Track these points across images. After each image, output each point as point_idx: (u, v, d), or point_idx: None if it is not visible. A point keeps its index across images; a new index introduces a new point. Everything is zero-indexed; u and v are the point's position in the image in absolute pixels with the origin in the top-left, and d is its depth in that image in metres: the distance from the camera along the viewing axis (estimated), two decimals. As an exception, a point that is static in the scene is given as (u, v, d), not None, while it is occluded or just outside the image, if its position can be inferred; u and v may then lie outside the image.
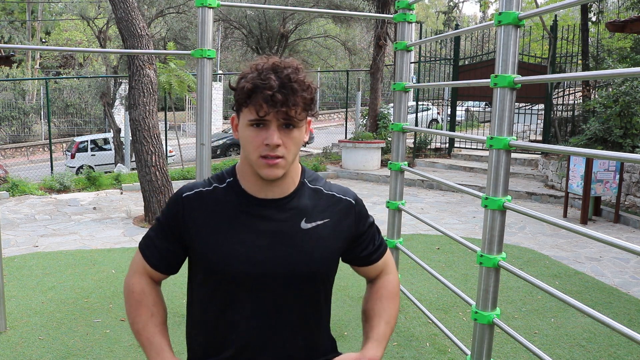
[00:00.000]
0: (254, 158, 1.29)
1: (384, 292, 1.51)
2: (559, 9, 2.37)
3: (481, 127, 17.75)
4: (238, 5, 11.70)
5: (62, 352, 3.48)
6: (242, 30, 16.28)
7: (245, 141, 1.30)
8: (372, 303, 1.49)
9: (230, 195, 1.37)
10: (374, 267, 1.53)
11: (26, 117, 21.43)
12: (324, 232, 1.38)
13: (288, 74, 1.26)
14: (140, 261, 1.43)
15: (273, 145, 1.25)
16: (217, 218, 1.35)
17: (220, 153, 17.16)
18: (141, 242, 1.45)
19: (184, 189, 1.41)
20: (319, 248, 1.37)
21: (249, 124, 1.28)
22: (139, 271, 1.43)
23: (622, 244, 1.87)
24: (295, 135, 1.29)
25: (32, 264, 5.40)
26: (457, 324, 3.96)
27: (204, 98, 3.46)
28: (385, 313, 1.46)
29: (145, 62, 6.98)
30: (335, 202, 1.42)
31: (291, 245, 1.34)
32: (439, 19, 37.85)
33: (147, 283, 1.42)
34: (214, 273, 1.34)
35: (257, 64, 1.29)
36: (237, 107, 1.32)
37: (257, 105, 1.25)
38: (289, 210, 1.36)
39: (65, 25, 29.39)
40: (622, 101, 8.56)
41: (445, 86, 12.88)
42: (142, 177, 7.11)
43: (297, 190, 1.38)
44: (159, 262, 1.41)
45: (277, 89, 1.23)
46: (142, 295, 1.41)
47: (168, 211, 1.40)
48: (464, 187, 3.15)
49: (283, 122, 1.26)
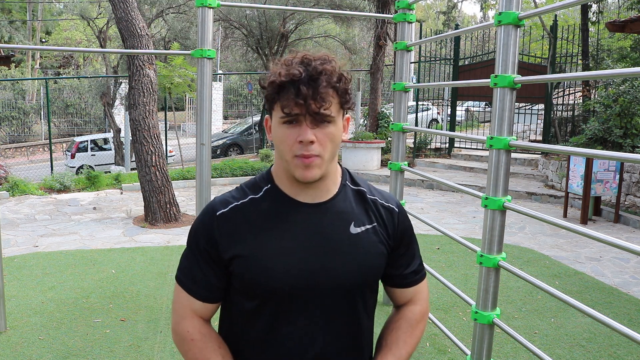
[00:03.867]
0: (289, 158, 1.19)
1: (402, 324, 1.37)
2: (559, 9, 2.37)
3: (481, 127, 17.76)
4: (238, 5, 11.70)
5: (62, 352, 3.48)
6: (242, 30, 16.28)
7: (278, 141, 1.21)
8: (387, 332, 1.38)
9: (270, 203, 1.26)
10: (403, 292, 1.40)
11: (26, 117, 21.42)
12: (372, 237, 1.29)
13: (316, 65, 1.17)
14: (186, 301, 1.27)
15: (307, 141, 1.16)
16: (258, 231, 1.24)
17: (220, 153, 17.16)
18: (178, 276, 1.29)
19: (217, 205, 1.28)
20: (370, 254, 1.28)
21: (280, 122, 1.19)
22: (188, 314, 1.27)
23: (622, 244, 1.87)
24: (331, 131, 1.19)
25: (32, 264, 5.40)
26: (457, 324, 3.96)
27: (204, 98, 3.46)
28: (397, 347, 1.33)
29: (145, 62, 6.98)
30: (379, 207, 1.33)
31: (342, 253, 1.24)
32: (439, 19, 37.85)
33: (202, 324, 1.28)
34: (259, 290, 1.23)
35: (287, 59, 1.21)
36: (268, 106, 1.24)
37: (285, 100, 1.17)
38: (335, 214, 1.26)
39: (65, 25, 29.40)
40: (622, 101, 8.57)
41: (445, 86, 12.89)
42: (142, 177, 7.11)
43: (339, 192, 1.29)
44: (209, 293, 1.27)
45: (304, 81, 1.15)
46: (203, 339, 1.26)
47: (201, 232, 1.26)
48: (464, 187, 3.15)
49: (315, 117, 1.17)
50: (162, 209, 7.11)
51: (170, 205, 7.17)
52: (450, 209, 8.34)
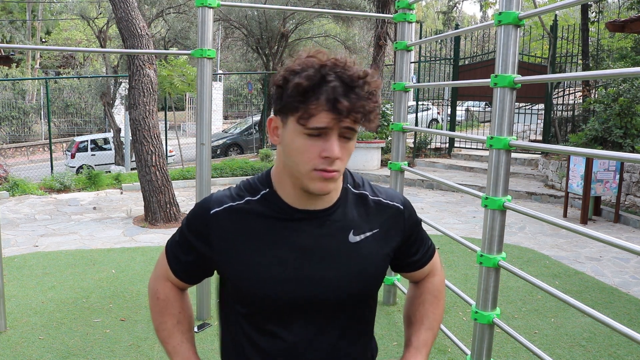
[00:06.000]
0: (305, 171, 1.10)
1: (427, 297, 1.40)
2: (559, 8, 2.37)
3: (481, 127, 17.76)
4: (238, 5, 11.71)
5: (62, 352, 3.48)
6: (242, 30, 16.28)
7: (295, 151, 1.10)
8: (414, 307, 1.40)
9: (267, 208, 1.20)
10: (421, 271, 1.41)
11: (26, 117, 21.42)
12: (373, 244, 1.24)
13: (355, 76, 1.06)
14: (165, 266, 1.31)
15: (334, 158, 1.07)
16: (252, 237, 1.19)
17: (220, 153, 17.17)
18: (168, 244, 1.32)
19: (212, 202, 1.22)
20: (370, 263, 1.24)
21: (303, 132, 1.07)
22: (164, 276, 1.33)
23: (622, 244, 1.87)
24: (350, 146, 1.11)
25: (32, 263, 5.40)
26: (457, 324, 3.96)
27: (204, 98, 3.46)
28: (428, 319, 1.37)
29: (145, 62, 6.98)
30: (383, 209, 1.27)
31: (340, 263, 1.20)
32: (439, 19, 37.85)
33: (171, 289, 1.33)
34: (253, 298, 1.20)
35: (313, 60, 1.08)
36: (283, 108, 1.10)
37: (319, 110, 1.04)
38: (334, 222, 1.21)
39: (65, 25, 29.40)
40: (622, 101, 8.57)
41: (445, 86, 12.89)
42: (142, 177, 7.11)
43: (340, 198, 1.23)
44: (183, 275, 1.30)
45: (343, 93, 1.04)
46: (166, 302, 1.32)
47: (192, 224, 1.24)
48: (464, 187, 3.15)
49: (345, 131, 1.08)
50: (162, 208, 7.11)
51: (170, 205, 7.17)
52: (450, 208, 8.34)
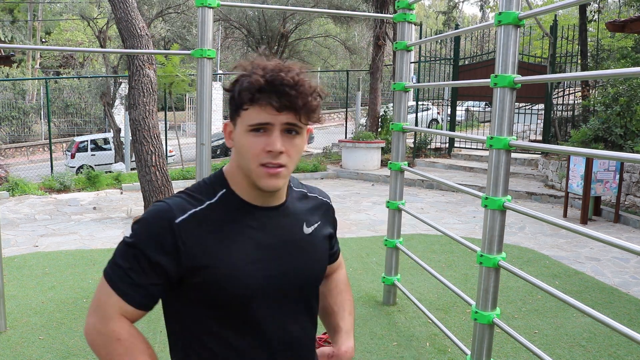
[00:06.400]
0: (253, 167, 1.16)
1: (342, 286, 1.52)
2: (559, 9, 2.37)
3: (481, 127, 17.76)
4: (238, 5, 11.71)
5: (62, 352, 3.48)
6: (242, 30, 16.29)
7: (242, 148, 1.17)
8: (334, 297, 1.50)
9: (228, 208, 1.22)
10: (334, 264, 1.53)
11: (26, 117, 21.43)
12: (319, 234, 1.36)
13: (295, 76, 1.14)
14: (116, 303, 1.17)
15: (276, 152, 1.14)
16: (220, 239, 1.20)
17: (220, 153, 17.17)
18: (111, 276, 1.20)
19: (173, 210, 1.19)
20: (320, 251, 1.35)
21: (248, 129, 1.15)
22: (115, 314, 1.17)
23: (622, 244, 1.87)
24: (298, 142, 1.19)
25: (32, 263, 5.40)
26: (457, 324, 3.96)
27: (204, 98, 3.46)
28: (348, 305, 1.49)
29: (145, 62, 6.98)
30: (319, 204, 1.40)
31: (300, 253, 1.28)
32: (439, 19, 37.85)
33: (130, 325, 1.20)
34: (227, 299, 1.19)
35: (257, 64, 1.17)
36: (233, 110, 1.19)
37: (259, 108, 1.13)
38: (289, 216, 1.29)
39: (65, 25, 29.40)
40: (623, 101, 8.57)
41: (445, 86, 12.89)
42: (142, 177, 7.10)
43: (288, 195, 1.32)
44: (145, 300, 1.18)
45: (282, 91, 1.12)
46: (132, 340, 1.18)
47: (154, 240, 1.17)
48: (464, 187, 3.16)
49: (287, 127, 1.16)
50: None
51: (170, 205, 7.16)
52: (450, 208, 8.34)
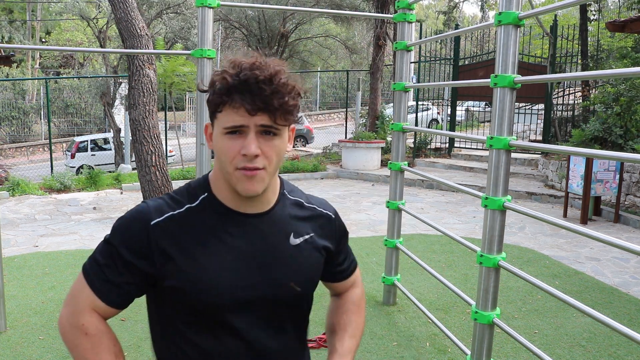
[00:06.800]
0: (230, 170, 1.13)
1: (350, 306, 1.43)
2: (559, 9, 2.37)
3: (481, 127, 17.76)
4: (238, 5, 11.72)
5: (62, 352, 3.48)
6: (242, 30, 16.29)
7: (219, 151, 1.14)
8: (337, 316, 1.42)
9: (208, 213, 1.19)
10: (345, 283, 1.45)
11: (26, 117, 21.43)
12: (310, 247, 1.28)
13: (269, 75, 1.09)
14: (87, 296, 1.17)
15: (251, 155, 1.10)
16: (196, 244, 1.17)
17: (220, 153, 17.16)
18: (88, 270, 1.19)
19: (150, 212, 1.17)
20: (308, 265, 1.27)
21: (224, 132, 1.12)
22: (87, 308, 1.17)
23: (622, 244, 1.87)
24: (277, 143, 1.13)
25: (32, 263, 5.40)
26: (457, 324, 3.96)
27: (204, 98, 3.46)
28: (351, 327, 1.39)
29: (145, 62, 6.98)
30: (317, 215, 1.32)
31: (282, 265, 1.22)
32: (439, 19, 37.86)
33: (100, 320, 1.18)
34: (201, 306, 1.17)
35: (234, 63, 1.12)
36: (211, 112, 1.15)
37: (232, 110, 1.09)
38: (274, 224, 1.23)
39: (65, 25, 29.40)
40: (623, 101, 8.57)
41: (445, 86, 12.89)
42: (142, 177, 7.10)
43: (278, 201, 1.26)
44: (117, 298, 1.17)
45: (256, 91, 1.08)
46: (99, 336, 1.17)
47: (129, 240, 1.16)
48: (464, 187, 3.16)
49: (262, 129, 1.11)
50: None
51: (170, 205, 7.17)
52: (450, 208, 8.34)
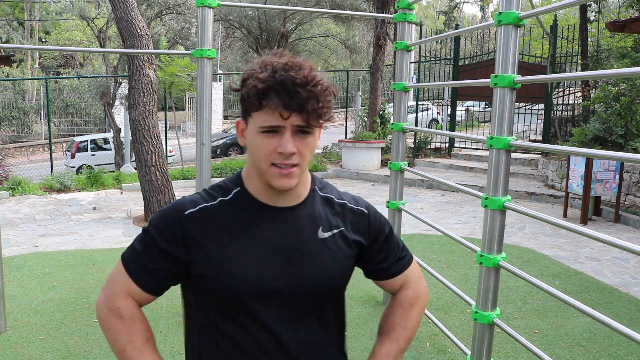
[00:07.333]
0: (265, 167, 1.17)
1: (397, 309, 1.41)
2: (559, 9, 2.37)
3: (481, 127, 17.75)
4: (238, 5, 11.72)
5: (62, 352, 3.48)
6: (242, 30, 16.29)
7: (255, 148, 1.17)
8: (384, 319, 1.42)
9: (240, 206, 1.24)
10: (392, 282, 1.42)
11: (26, 117, 21.43)
12: (339, 241, 1.29)
13: (305, 75, 1.12)
14: (125, 281, 1.24)
15: (287, 154, 1.14)
16: (228, 236, 1.22)
17: (220, 153, 17.15)
18: (126, 257, 1.26)
19: (186, 204, 1.25)
20: (337, 259, 1.28)
21: (260, 130, 1.15)
22: (124, 292, 1.25)
23: (622, 244, 1.87)
24: (310, 141, 1.17)
25: (32, 263, 5.40)
26: (457, 324, 3.96)
27: (204, 98, 3.46)
28: (394, 331, 1.37)
29: (145, 62, 6.98)
30: (348, 211, 1.33)
31: (310, 258, 1.25)
32: (439, 19, 37.86)
33: (134, 305, 1.25)
34: (229, 295, 1.21)
35: (268, 62, 1.15)
36: (245, 111, 1.19)
37: (269, 110, 1.12)
38: (304, 218, 1.26)
39: (65, 25, 29.40)
40: (623, 101, 8.56)
41: (445, 86, 12.89)
42: (142, 177, 7.10)
43: (308, 197, 1.29)
44: (153, 284, 1.24)
45: (292, 93, 1.10)
46: (133, 320, 1.24)
47: (165, 229, 1.23)
48: (464, 187, 3.16)
49: (297, 128, 1.14)
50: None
51: (170, 205, 7.17)
52: (450, 208, 8.34)
